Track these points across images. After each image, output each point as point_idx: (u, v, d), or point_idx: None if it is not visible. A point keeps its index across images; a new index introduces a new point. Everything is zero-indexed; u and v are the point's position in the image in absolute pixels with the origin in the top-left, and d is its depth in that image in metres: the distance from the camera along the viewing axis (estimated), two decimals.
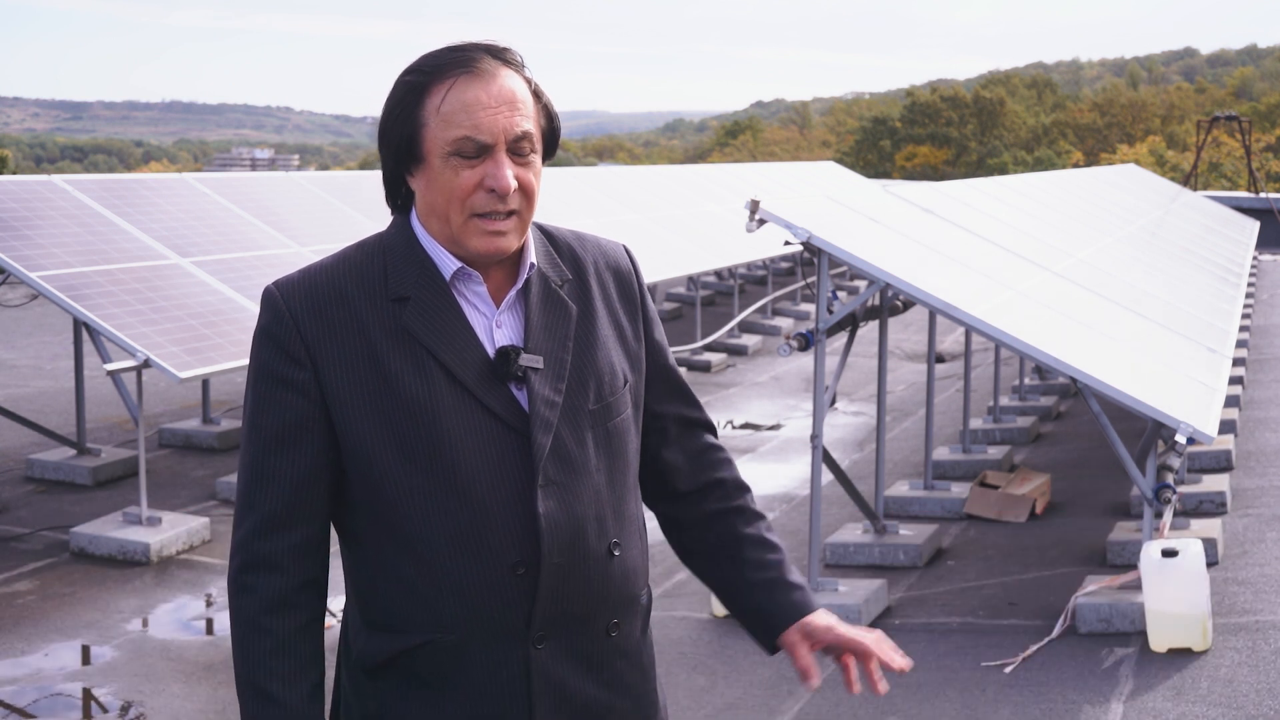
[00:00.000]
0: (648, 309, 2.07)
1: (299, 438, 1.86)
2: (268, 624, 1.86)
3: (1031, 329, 5.78)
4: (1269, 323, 13.52)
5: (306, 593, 1.90)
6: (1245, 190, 27.73)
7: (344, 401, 1.85)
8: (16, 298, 13.49)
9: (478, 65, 1.85)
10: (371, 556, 1.89)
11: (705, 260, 12.92)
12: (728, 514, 2.11)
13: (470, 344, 1.87)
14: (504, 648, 1.86)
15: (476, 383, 1.85)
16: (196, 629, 5.75)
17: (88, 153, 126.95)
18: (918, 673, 5.07)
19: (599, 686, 1.93)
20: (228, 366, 6.87)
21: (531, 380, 1.87)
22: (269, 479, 1.87)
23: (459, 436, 1.84)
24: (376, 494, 1.86)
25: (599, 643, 1.93)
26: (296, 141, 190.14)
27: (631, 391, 2.00)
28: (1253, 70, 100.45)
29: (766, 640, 2.05)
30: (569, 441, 1.88)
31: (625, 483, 1.97)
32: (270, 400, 1.87)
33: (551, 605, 1.87)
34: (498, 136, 1.83)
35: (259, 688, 1.85)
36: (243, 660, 1.87)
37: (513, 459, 1.85)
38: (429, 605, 1.85)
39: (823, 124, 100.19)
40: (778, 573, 2.06)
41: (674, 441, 2.10)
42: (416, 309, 1.86)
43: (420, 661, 1.87)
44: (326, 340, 1.86)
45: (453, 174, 1.83)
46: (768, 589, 2.04)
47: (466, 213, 1.85)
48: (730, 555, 2.08)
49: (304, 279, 1.90)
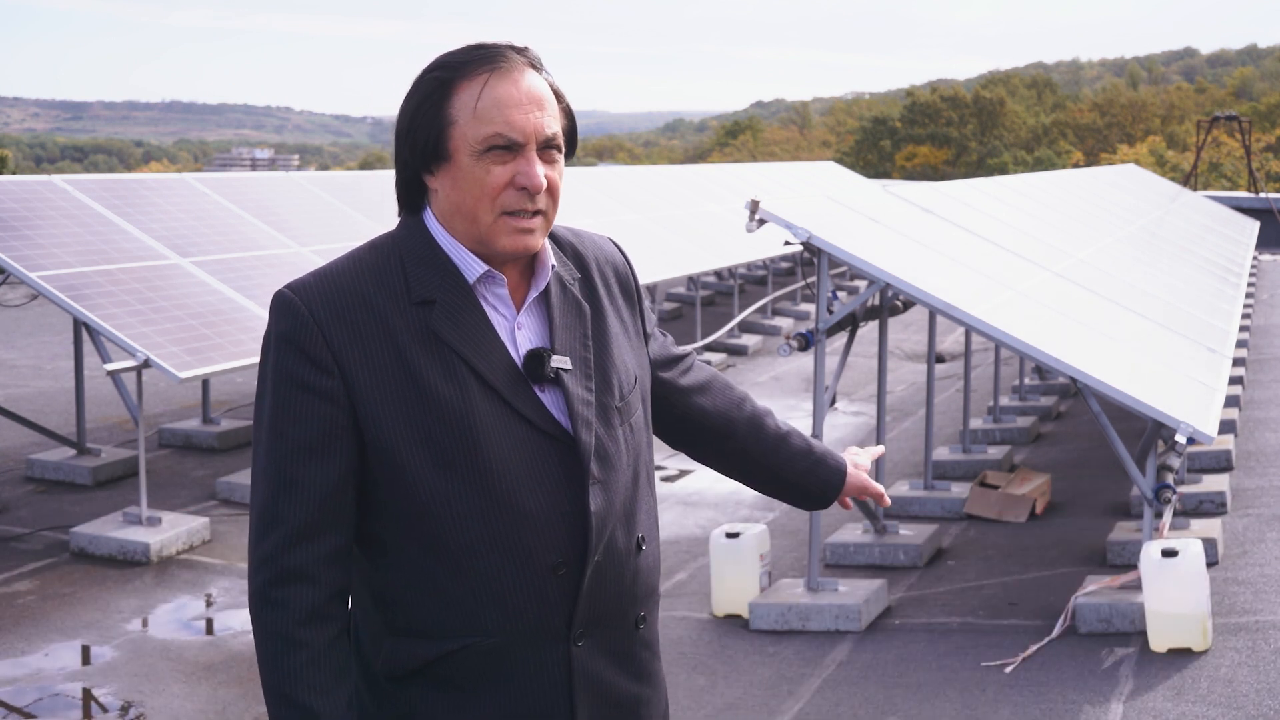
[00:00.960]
0: (643, 302, 2.09)
1: (328, 446, 1.82)
2: (303, 636, 1.81)
3: (1031, 329, 5.78)
4: (1269, 323, 13.51)
5: (337, 603, 1.86)
6: (1245, 190, 27.74)
7: (374, 408, 1.81)
8: (16, 298, 13.48)
9: (505, 63, 1.84)
10: (398, 563, 1.87)
11: (705, 260, 12.92)
12: (754, 424, 2.25)
13: (497, 347, 1.86)
14: (545, 648, 1.86)
15: (507, 386, 1.84)
16: (196, 629, 5.74)
17: (88, 153, 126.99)
18: (918, 673, 5.07)
19: (630, 679, 1.96)
20: (228, 366, 6.87)
21: (565, 381, 1.87)
22: (297, 489, 1.82)
23: (494, 441, 1.82)
24: (408, 501, 1.83)
25: (630, 637, 1.95)
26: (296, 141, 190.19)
27: (641, 387, 2.02)
28: (1253, 70, 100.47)
29: (824, 502, 2.30)
30: (605, 440, 1.90)
31: (646, 477, 2.00)
32: (295, 408, 1.82)
33: (591, 604, 1.87)
34: (529, 135, 1.83)
35: (296, 701, 1.81)
36: (275, 673, 1.82)
37: (548, 461, 1.85)
38: (465, 610, 1.84)
39: (823, 124, 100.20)
40: (815, 456, 2.28)
41: (693, 393, 2.20)
42: (443, 312, 1.84)
43: (456, 666, 1.85)
44: (352, 345, 1.82)
45: (484, 171, 1.82)
46: (812, 469, 2.27)
47: (497, 211, 1.84)
48: (773, 452, 2.26)
49: (320, 282, 1.86)
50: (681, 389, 2.18)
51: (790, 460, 2.24)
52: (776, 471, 2.24)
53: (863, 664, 5.19)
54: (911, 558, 6.39)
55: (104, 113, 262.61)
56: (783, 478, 2.25)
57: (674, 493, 7.76)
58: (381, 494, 1.85)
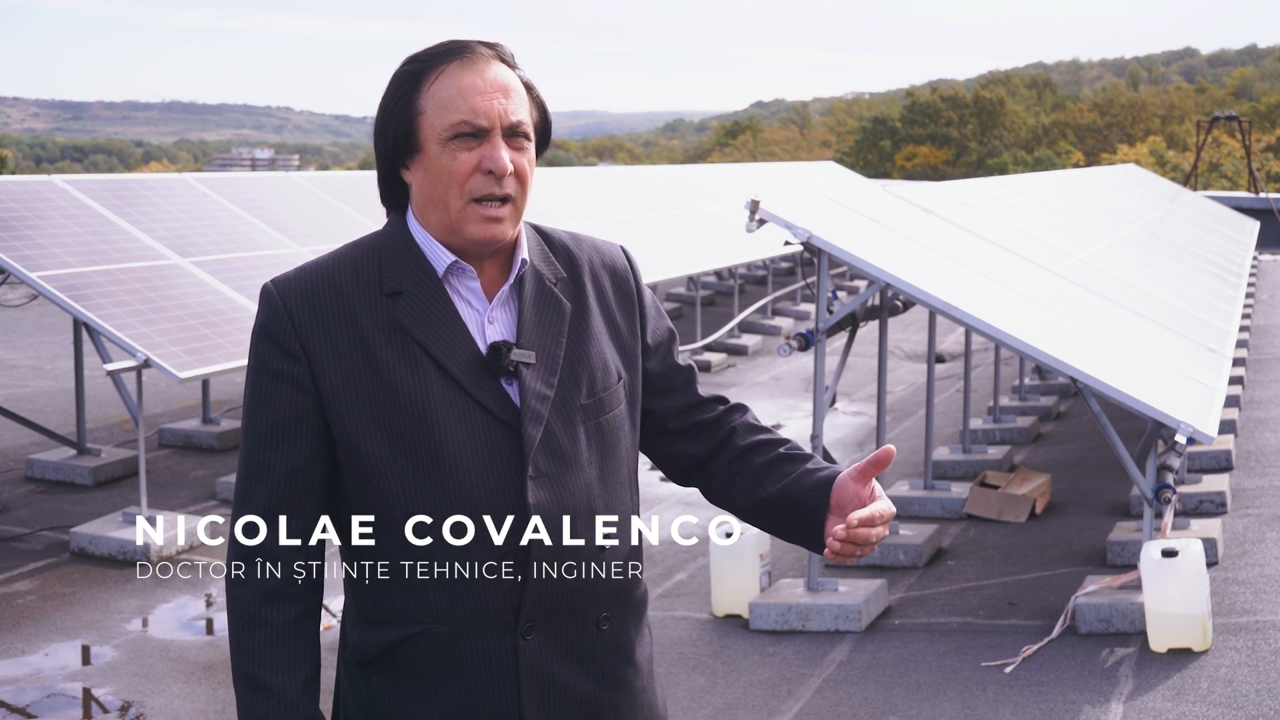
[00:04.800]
0: (645, 307, 2.08)
1: (294, 431, 1.89)
2: (262, 614, 1.88)
3: (1031, 329, 5.78)
4: (1269, 323, 13.51)
5: (303, 585, 1.92)
6: (1245, 190, 27.72)
7: (336, 393, 1.87)
8: (16, 298, 13.47)
9: (470, 53, 1.89)
10: (364, 549, 1.91)
11: (705, 260, 12.92)
12: (744, 451, 2.08)
13: (462, 338, 1.89)
14: (493, 639, 1.88)
15: (467, 376, 1.87)
16: (196, 629, 5.75)
17: (88, 153, 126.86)
18: (918, 673, 5.07)
19: (589, 680, 1.94)
20: (228, 366, 6.87)
21: (523, 374, 1.89)
22: (264, 472, 1.90)
23: (448, 429, 1.86)
24: (367, 485, 1.88)
25: (589, 636, 1.94)
26: (296, 141, 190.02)
27: (626, 388, 2.01)
28: (1253, 70, 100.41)
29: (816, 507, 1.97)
30: (560, 435, 1.90)
31: (619, 478, 1.98)
32: (266, 395, 1.89)
33: (539, 597, 1.88)
34: (494, 120, 1.87)
35: (253, 678, 1.87)
36: (238, 651, 1.89)
37: (502, 452, 1.87)
38: (419, 597, 1.88)
39: (823, 124, 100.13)
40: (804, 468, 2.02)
41: (690, 430, 2.09)
42: (409, 303, 1.89)
43: (412, 653, 1.89)
44: (319, 334, 1.88)
45: (450, 158, 1.86)
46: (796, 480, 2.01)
47: (465, 197, 1.87)
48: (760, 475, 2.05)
49: (300, 275, 1.93)
50: (669, 432, 2.10)
51: (772, 481, 2.02)
52: (752, 496, 2.04)
53: (863, 664, 5.19)
54: (911, 558, 6.39)
55: (104, 113, 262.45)
56: (760, 502, 2.03)
57: (674, 493, 7.76)
58: (346, 479, 1.91)
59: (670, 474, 2.16)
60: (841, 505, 1.92)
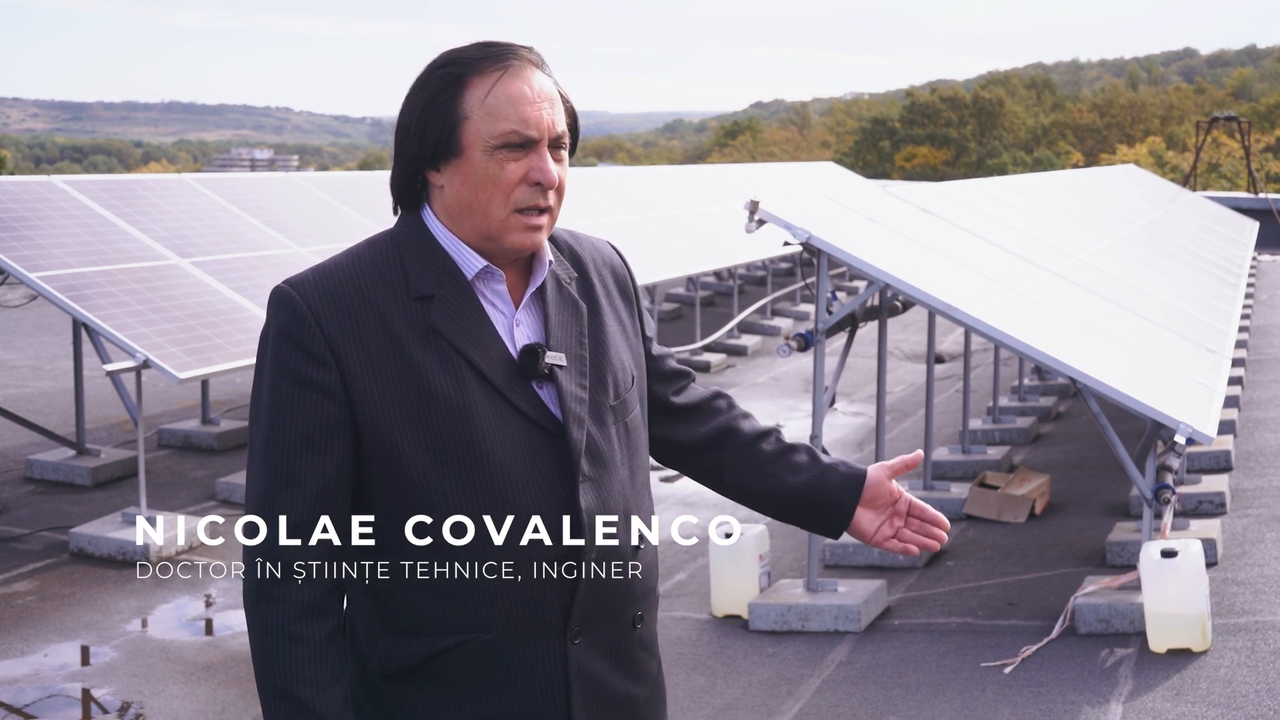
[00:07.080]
0: (642, 306, 2.11)
1: (326, 441, 1.82)
2: (300, 631, 1.81)
3: (1031, 329, 5.78)
4: (1269, 323, 13.51)
5: (334, 598, 1.87)
6: (1245, 190, 27.72)
7: (371, 402, 1.82)
8: (16, 298, 13.46)
9: (516, 61, 1.86)
10: (409, 553, 1.86)
11: (704, 261, 12.92)
12: (745, 438, 2.17)
13: (495, 343, 1.87)
14: (541, 645, 1.85)
15: (504, 381, 1.85)
16: (196, 629, 5.75)
17: (87, 153, 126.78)
18: (917, 673, 5.07)
19: (626, 678, 1.95)
20: (227, 367, 6.87)
21: (558, 377, 1.88)
22: (294, 483, 1.82)
23: (492, 435, 1.83)
24: (403, 494, 1.83)
25: (626, 636, 1.95)
26: (296, 142, 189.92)
27: (639, 389, 2.02)
28: (1252, 71, 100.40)
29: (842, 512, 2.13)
30: (598, 437, 1.90)
31: (643, 477, 2.00)
32: (293, 402, 1.82)
33: (588, 601, 1.87)
34: (543, 132, 1.85)
35: (293, 697, 1.80)
36: (271, 669, 1.81)
37: (544, 456, 1.85)
38: (462, 606, 1.84)
39: (822, 124, 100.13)
40: (823, 465, 2.16)
41: (676, 412, 2.14)
42: (442, 307, 1.85)
43: (450, 664, 1.85)
44: (351, 340, 1.82)
45: (497, 167, 1.84)
46: (821, 475, 2.15)
47: (510, 207, 1.85)
48: (770, 463, 2.16)
49: (319, 277, 1.86)
50: (671, 407, 2.14)
51: (792, 471, 2.12)
52: (775, 484, 2.12)
53: (862, 664, 5.19)
54: (911, 558, 6.38)
55: (103, 113, 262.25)
56: (784, 491, 2.12)
57: (674, 493, 7.76)
58: (376, 488, 1.85)
59: (656, 456, 2.17)
60: (874, 500, 2.10)
